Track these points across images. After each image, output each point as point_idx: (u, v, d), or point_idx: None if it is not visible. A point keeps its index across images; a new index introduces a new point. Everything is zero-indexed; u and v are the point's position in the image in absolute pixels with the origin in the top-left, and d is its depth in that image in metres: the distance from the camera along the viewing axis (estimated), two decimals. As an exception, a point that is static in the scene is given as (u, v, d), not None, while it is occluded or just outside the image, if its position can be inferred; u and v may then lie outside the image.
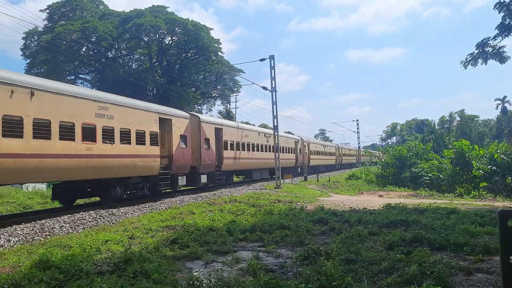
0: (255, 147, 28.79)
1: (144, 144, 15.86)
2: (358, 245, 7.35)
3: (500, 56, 21.15)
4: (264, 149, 30.73)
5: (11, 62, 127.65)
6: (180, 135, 18.74)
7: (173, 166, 17.79)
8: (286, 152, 35.72)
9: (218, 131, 23.17)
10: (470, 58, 21.78)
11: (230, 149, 24.66)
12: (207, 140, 21.47)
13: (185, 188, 21.26)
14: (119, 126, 14.57)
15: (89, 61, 48.53)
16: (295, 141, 39.72)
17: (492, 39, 21.09)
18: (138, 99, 19.60)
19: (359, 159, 72.97)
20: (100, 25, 45.86)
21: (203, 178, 21.01)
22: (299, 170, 39.86)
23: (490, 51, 21.25)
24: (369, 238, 8.29)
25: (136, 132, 15.47)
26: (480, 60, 21.55)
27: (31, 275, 5.63)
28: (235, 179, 32.90)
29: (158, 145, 16.79)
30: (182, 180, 18.95)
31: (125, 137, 14.86)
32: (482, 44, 21.34)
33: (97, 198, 16.51)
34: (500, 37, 20.82)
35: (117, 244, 8.15)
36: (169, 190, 18.87)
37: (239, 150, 25.93)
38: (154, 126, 16.70)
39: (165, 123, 17.82)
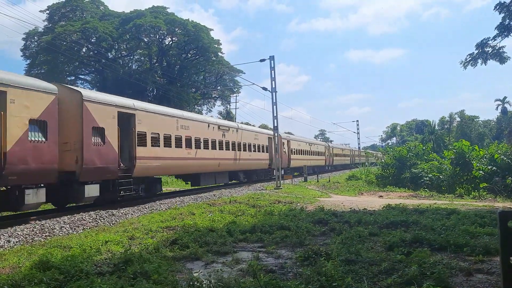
0: (202, 144, 21.01)
1: None
2: (358, 246, 7.34)
3: (500, 57, 21.11)
4: (218, 146, 23.03)
5: (11, 63, 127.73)
6: (31, 120, 11.48)
7: (9, 173, 10.60)
8: (254, 151, 28.97)
9: (127, 118, 15.66)
10: (470, 58, 21.74)
11: (153, 145, 16.71)
12: (98, 130, 13.93)
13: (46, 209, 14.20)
14: None
15: (89, 62, 48.58)
16: (269, 137, 31.55)
17: (491, 40, 21.08)
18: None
19: (353, 160, 69.91)
20: (100, 26, 45.91)
21: (91, 190, 13.41)
22: (275, 173, 27.83)
23: (489, 51, 21.22)
24: (369, 238, 8.28)
25: None
26: (479, 61, 21.50)
27: (31, 276, 5.62)
28: (179, 185, 27.28)
29: None
30: (35, 196, 11.47)
31: None
32: (481, 45, 21.30)
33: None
34: (500, 38, 20.81)
35: (117, 245, 8.15)
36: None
37: (170, 146, 18.04)
38: None
39: None
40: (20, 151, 11.03)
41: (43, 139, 11.90)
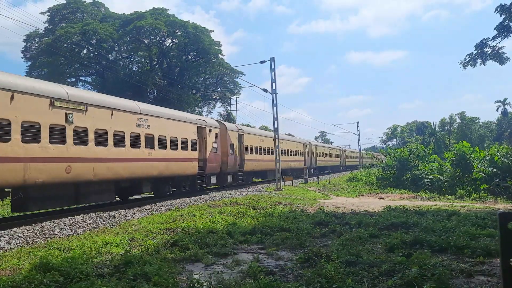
0: None
1: None
2: (359, 248, 7.34)
3: (499, 57, 21.11)
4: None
5: (11, 64, 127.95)
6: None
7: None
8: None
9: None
10: (469, 58, 21.75)
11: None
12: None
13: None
14: None
15: (90, 64, 48.63)
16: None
17: (491, 40, 21.08)
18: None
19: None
20: (100, 28, 45.98)
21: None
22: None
23: (489, 52, 21.22)
24: (369, 240, 8.27)
25: None
26: (479, 61, 21.51)
27: (31, 278, 5.62)
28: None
29: None
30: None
31: None
32: (481, 45, 21.31)
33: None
34: (499, 38, 20.81)
35: (117, 247, 8.14)
36: None
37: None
38: None
39: None
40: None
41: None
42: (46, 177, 11.77)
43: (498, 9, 20.29)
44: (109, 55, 50.49)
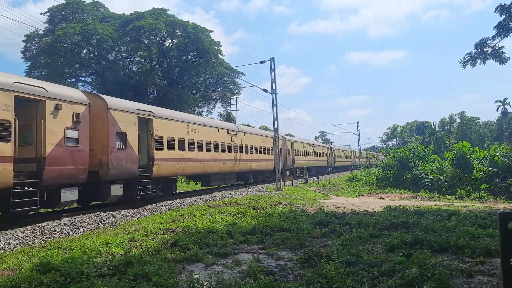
0: None
1: None
2: (359, 248, 7.33)
3: (499, 57, 21.11)
4: None
5: (11, 65, 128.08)
6: None
7: None
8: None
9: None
10: (469, 57, 21.76)
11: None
12: None
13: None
14: None
15: (90, 64, 48.60)
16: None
17: (490, 40, 21.08)
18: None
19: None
20: (100, 28, 45.97)
21: None
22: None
23: (489, 51, 21.23)
24: (369, 240, 8.27)
25: None
26: (478, 60, 21.52)
27: (32, 278, 5.62)
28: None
29: None
30: None
31: None
32: (480, 44, 21.32)
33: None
34: (499, 38, 20.81)
35: (117, 247, 8.14)
36: None
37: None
38: None
39: None
40: None
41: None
42: None
43: (498, 9, 20.29)
44: (109, 55, 50.48)
